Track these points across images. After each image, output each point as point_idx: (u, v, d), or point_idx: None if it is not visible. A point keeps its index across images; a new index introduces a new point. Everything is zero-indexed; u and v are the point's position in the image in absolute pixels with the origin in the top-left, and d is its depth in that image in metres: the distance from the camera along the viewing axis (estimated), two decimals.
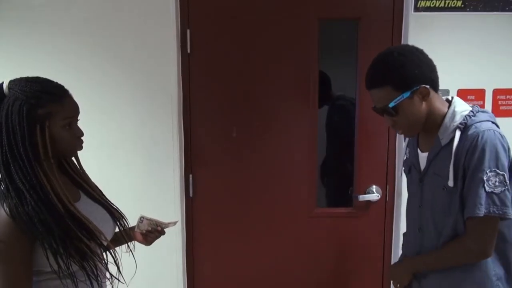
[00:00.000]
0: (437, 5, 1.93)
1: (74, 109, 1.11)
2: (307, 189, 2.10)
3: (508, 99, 2.00)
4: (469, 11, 1.93)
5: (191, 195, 2.09)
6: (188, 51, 2.00)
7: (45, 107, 1.02)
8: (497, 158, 1.14)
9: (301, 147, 2.08)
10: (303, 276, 2.16)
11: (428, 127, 1.28)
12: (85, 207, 1.13)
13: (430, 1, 1.92)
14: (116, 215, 1.23)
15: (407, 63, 1.19)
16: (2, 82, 1.02)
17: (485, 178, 1.14)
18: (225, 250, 2.14)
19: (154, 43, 1.94)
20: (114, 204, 1.27)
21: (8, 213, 0.97)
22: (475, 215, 1.15)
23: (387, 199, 2.09)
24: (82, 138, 1.14)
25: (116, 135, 1.99)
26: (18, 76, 1.07)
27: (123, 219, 1.26)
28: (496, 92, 1.99)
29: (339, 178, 2.38)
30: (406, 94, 1.19)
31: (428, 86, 1.20)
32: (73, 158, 1.20)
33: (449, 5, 1.93)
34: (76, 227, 1.03)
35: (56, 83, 1.09)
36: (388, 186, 2.08)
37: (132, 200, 2.02)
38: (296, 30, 2.00)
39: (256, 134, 2.07)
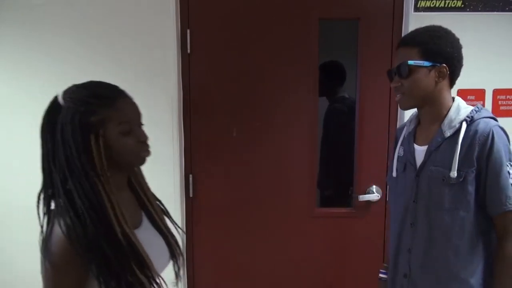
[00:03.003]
0: (437, 5, 1.93)
1: (130, 112, 0.98)
2: (307, 189, 2.10)
3: (508, 99, 2.00)
4: (469, 11, 1.93)
5: (191, 195, 2.09)
6: (188, 51, 2.00)
7: (97, 114, 0.91)
8: (510, 152, 1.21)
9: (301, 147, 2.08)
10: (303, 276, 2.16)
11: (431, 117, 1.29)
12: (145, 235, 1.00)
13: (430, 1, 1.92)
14: (175, 251, 1.10)
15: (445, 39, 1.24)
16: (58, 94, 0.96)
17: (511, 172, 1.18)
18: (225, 250, 2.14)
19: (154, 43, 1.94)
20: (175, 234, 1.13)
21: (64, 232, 0.88)
22: (509, 208, 1.18)
23: (387, 199, 2.08)
24: (147, 142, 0.99)
25: None
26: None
27: (181, 257, 1.14)
28: (496, 92, 1.99)
29: (339, 178, 2.39)
30: (427, 64, 1.22)
31: (448, 68, 1.23)
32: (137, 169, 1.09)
33: (449, 5, 1.93)
34: (132, 257, 0.92)
35: (108, 84, 0.99)
36: (388, 186, 2.08)
37: None
38: (296, 30, 2.00)
39: (256, 134, 2.07)
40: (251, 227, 2.12)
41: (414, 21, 1.92)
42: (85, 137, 0.90)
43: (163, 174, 2.02)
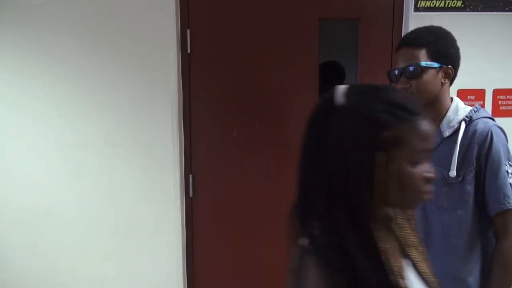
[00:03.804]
0: (437, 5, 1.93)
1: (430, 138, 0.73)
2: None
3: (508, 99, 1.99)
4: (469, 11, 1.93)
5: (191, 195, 2.09)
6: (188, 51, 2.00)
7: (392, 129, 0.68)
8: (508, 151, 1.22)
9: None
10: None
11: (431, 118, 1.27)
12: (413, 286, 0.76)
13: (430, 1, 1.92)
14: None
15: (448, 40, 1.26)
16: (335, 87, 0.74)
17: (509, 171, 1.19)
18: (225, 250, 2.14)
19: (154, 43, 1.94)
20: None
21: (326, 284, 0.66)
22: (508, 207, 1.18)
23: None
24: (432, 181, 0.74)
25: (116, 135, 1.99)
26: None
27: None
28: (496, 92, 1.98)
29: None
30: (436, 65, 1.22)
31: (452, 69, 1.25)
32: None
33: (449, 5, 1.93)
34: None
35: (405, 95, 0.78)
36: None
37: (133, 200, 2.02)
38: (296, 30, 2.00)
39: (256, 134, 2.06)
40: (251, 227, 2.12)
41: (414, 21, 1.92)
42: (370, 155, 0.68)
43: (163, 174, 2.02)
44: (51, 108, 1.97)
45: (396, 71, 1.28)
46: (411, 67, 1.23)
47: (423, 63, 1.22)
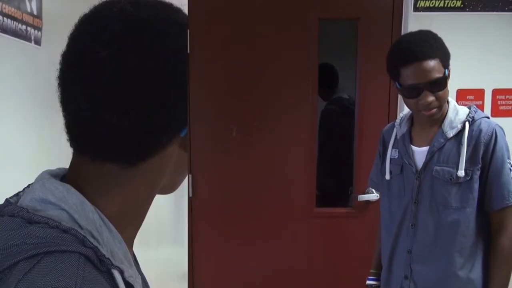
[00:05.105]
0: (436, 5, 1.93)
1: None
2: (306, 189, 2.10)
3: (508, 99, 2.00)
4: (469, 11, 1.93)
5: (190, 195, 2.09)
6: (188, 51, 2.00)
7: None
8: (508, 149, 1.25)
9: (300, 147, 2.08)
10: (302, 276, 2.16)
11: (433, 119, 1.29)
12: None
13: (429, 1, 1.92)
14: None
15: (443, 41, 1.27)
16: None
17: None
18: (224, 250, 2.14)
19: None
20: None
21: None
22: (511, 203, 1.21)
23: None
24: None
25: None
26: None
27: None
28: (495, 92, 1.99)
29: (338, 178, 2.39)
30: (447, 71, 1.23)
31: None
32: None
33: (449, 5, 1.93)
34: None
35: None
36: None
37: None
38: (296, 30, 2.01)
39: (256, 134, 2.07)
40: (250, 227, 2.12)
41: (414, 21, 1.93)
42: None
43: None
44: (52, 107, 1.97)
45: (416, 86, 1.21)
46: (437, 81, 1.20)
47: (446, 74, 1.22)
